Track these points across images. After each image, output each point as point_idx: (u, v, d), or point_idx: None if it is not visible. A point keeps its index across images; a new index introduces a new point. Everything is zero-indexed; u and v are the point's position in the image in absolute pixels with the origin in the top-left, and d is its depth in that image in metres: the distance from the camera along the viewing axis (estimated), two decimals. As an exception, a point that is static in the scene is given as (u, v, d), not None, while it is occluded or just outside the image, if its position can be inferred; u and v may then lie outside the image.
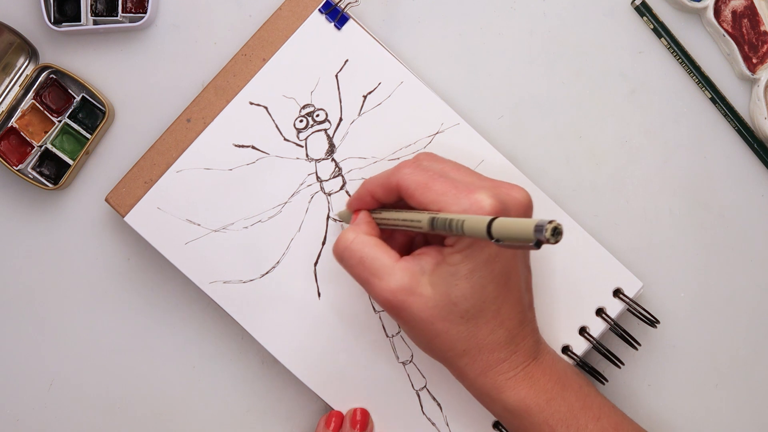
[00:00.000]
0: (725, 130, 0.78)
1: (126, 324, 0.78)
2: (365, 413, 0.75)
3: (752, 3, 0.77)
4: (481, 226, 0.56)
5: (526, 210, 0.66)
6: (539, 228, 0.52)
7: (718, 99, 0.77)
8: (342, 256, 0.67)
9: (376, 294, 0.65)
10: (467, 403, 0.74)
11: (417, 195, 0.64)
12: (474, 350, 0.65)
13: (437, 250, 0.65)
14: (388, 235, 0.70)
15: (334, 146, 0.75)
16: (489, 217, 0.56)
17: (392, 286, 0.64)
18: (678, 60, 0.77)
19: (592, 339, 0.74)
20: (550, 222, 0.52)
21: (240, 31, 0.77)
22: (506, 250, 0.64)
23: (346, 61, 0.75)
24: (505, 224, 0.54)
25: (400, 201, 0.67)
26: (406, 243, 0.71)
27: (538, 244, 0.52)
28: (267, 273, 0.75)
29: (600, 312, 0.74)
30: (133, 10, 0.77)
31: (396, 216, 0.66)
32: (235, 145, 0.75)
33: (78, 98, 0.77)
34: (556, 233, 0.52)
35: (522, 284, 0.67)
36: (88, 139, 0.76)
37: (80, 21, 0.77)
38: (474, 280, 0.63)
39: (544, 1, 0.78)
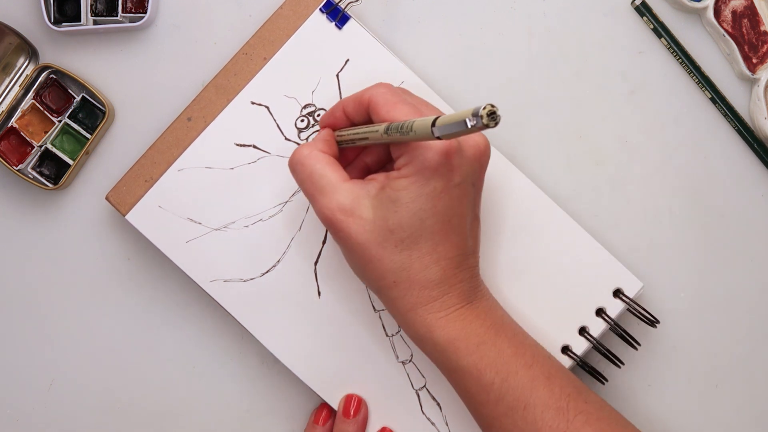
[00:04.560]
0: (725, 130, 0.78)
1: (126, 324, 0.78)
2: (360, 401, 0.75)
3: (752, 3, 0.77)
4: (426, 123, 0.58)
5: (482, 153, 0.66)
6: (476, 112, 0.54)
7: (718, 99, 0.77)
8: (294, 169, 0.68)
9: (318, 210, 0.66)
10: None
11: (383, 112, 0.65)
12: (405, 283, 0.66)
13: (385, 176, 0.65)
14: (348, 161, 0.71)
15: (334, 146, 0.75)
16: (434, 116, 0.58)
17: (333, 204, 0.65)
18: (678, 60, 0.77)
19: (592, 339, 0.74)
20: (485, 107, 0.54)
21: (240, 31, 0.77)
22: (453, 189, 0.64)
23: (347, 60, 0.75)
24: (447, 117, 0.57)
25: (368, 121, 0.68)
26: (364, 170, 0.71)
27: (477, 127, 0.54)
28: (267, 272, 0.75)
29: (600, 312, 0.74)
30: (133, 10, 0.77)
31: (356, 130, 0.68)
32: (237, 145, 0.75)
33: (78, 98, 0.77)
34: (493, 115, 0.54)
35: (467, 228, 0.67)
36: (88, 139, 0.76)
37: (80, 21, 0.77)
38: (414, 211, 0.64)
39: (544, 1, 0.78)
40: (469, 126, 0.54)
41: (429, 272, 0.65)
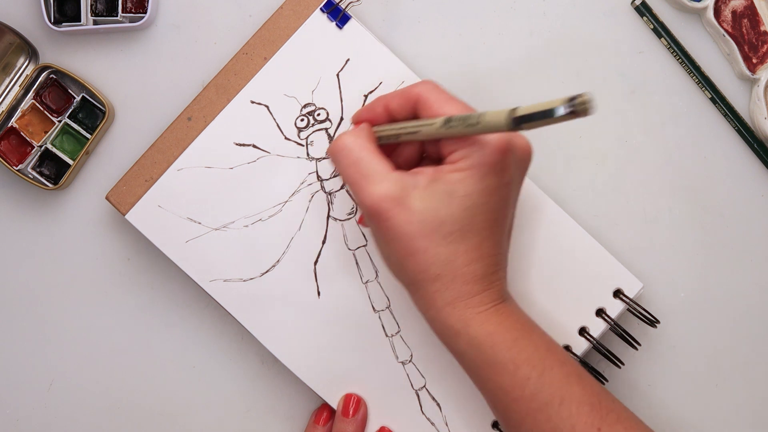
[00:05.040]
0: (725, 130, 0.78)
1: (126, 324, 0.78)
2: (359, 400, 0.75)
3: (752, 3, 0.77)
4: (501, 115, 0.58)
5: (528, 156, 0.66)
6: (572, 99, 0.54)
7: (718, 99, 0.77)
8: (338, 155, 0.66)
9: (363, 197, 0.64)
10: (466, 403, 0.74)
11: (436, 107, 0.65)
12: (448, 277, 0.65)
13: (435, 169, 0.65)
14: (387, 155, 0.70)
15: (334, 145, 0.75)
16: (510, 108, 0.57)
17: (381, 192, 0.64)
18: (678, 60, 0.78)
19: (592, 339, 0.74)
20: (581, 95, 0.54)
21: (240, 31, 0.77)
22: (503, 188, 0.64)
23: (348, 60, 0.75)
24: (532, 106, 0.56)
25: (411, 117, 0.68)
26: (404, 166, 0.70)
27: (570, 114, 0.54)
28: (267, 272, 0.75)
29: (600, 312, 0.75)
30: (133, 10, 0.77)
31: (404, 124, 0.67)
32: (236, 144, 0.75)
33: (78, 98, 0.77)
34: (587, 104, 0.54)
35: (507, 229, 0.67)
36: (88, 139, 0.76)
37: (80, 21, 0.77)
38: (467, 205, 0.63)
39: (544, 1, 0.78)
40: (562, 113, 0.54)
41: (473, 267, 0.65)
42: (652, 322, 0.75)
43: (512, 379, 0.65)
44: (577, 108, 0.54)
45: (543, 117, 0.55)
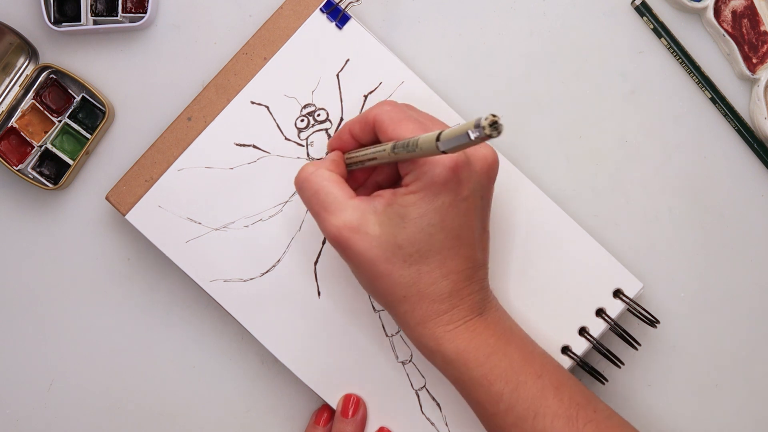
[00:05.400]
0: (725, 130, 0.78)
1: (126, 324, 0.78)
2: (358, 401, 0.75)
3: (752, 3, 0.77)
4: (431, 138, 0.58)
5: (490, 166, 0.66)
6: (478, 123, 0.54)
7: (718, 99, 0.77)
8: (301, 186, 0.67)
9: (324, 228, 0.66)
10: (466, 403, 0.74)
11: (389, 130, 0.65)
12: (414, 298, 0.65)
13: (392, 192, 0.65)
14: (360, 183, 0.71)
15: (334, 146, 0.75)
16: (439, 131, 0.58)
17: (340, 221, 0.65)
18: (678, 60, 0.78)
19: (592, 339, 0.74)
20: (487, 118, 0.53)
21: (240, 31, 0.77)
22: (461, 203, 0.64)
23: (347, 60, 0.75)
24: (450, 131, 0.57)
25: (375, 141, 0.68)
26: (376, 190, 0.71)
27: (480, 138, 0.54)
28: (267, 272, 0.75)
29: (600, 312, 0.74)
30: (133, 10, 0.77)
31: (364, 151, 0.68)
32: (236, 144, 0.75)
33: (78, 98, 0.77)
34: (495, 125, 0.53)
35: (476, 242, 0.67)
36: (88, 139, 0.76)
37: (80, 21, 0.77)
38: (422, 226, 0.64)
39: (544, 1, 0.78)
40: (473, 138, 0.54)
41: (438, 286, 0.65)
42: (652, 322, 0.74)
43: (487, 395, 0.66)
44: (483, 133, 0.54)
45: (460, 141, 0.56)
